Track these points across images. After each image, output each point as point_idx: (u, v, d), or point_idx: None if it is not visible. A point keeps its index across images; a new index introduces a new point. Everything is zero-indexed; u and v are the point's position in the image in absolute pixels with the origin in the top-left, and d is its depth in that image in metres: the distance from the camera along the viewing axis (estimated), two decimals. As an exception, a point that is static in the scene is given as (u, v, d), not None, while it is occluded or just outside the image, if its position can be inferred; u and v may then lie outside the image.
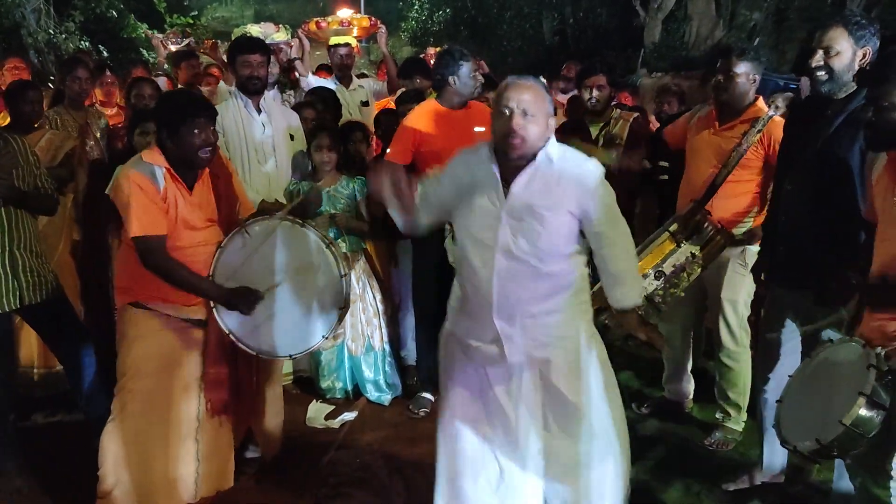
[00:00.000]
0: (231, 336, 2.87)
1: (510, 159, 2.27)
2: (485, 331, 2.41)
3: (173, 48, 6.65)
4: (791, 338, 2.87)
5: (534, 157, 2.28)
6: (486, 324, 2.39)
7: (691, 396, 3.88)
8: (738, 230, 3.36)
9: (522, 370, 2.43)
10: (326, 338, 2.93)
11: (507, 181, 2.30)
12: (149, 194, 2.73)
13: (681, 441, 3.62)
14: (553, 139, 2.34)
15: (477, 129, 3.69)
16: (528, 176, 2.29)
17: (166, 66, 6.73)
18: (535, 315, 2.36)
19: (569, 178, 2.29)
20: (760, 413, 3.08)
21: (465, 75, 3.69)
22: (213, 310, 2.86)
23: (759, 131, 3.25)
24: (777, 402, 2.54)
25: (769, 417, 2.88)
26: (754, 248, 3.34)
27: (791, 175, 2.81)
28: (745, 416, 3.55)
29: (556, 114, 2.46)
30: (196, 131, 2.75)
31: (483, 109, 3.89)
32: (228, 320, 2.87)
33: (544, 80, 2.37)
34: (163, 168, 2.78)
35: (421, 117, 3.74)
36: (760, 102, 3.39)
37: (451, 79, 3.69)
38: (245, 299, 2.82)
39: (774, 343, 2.90)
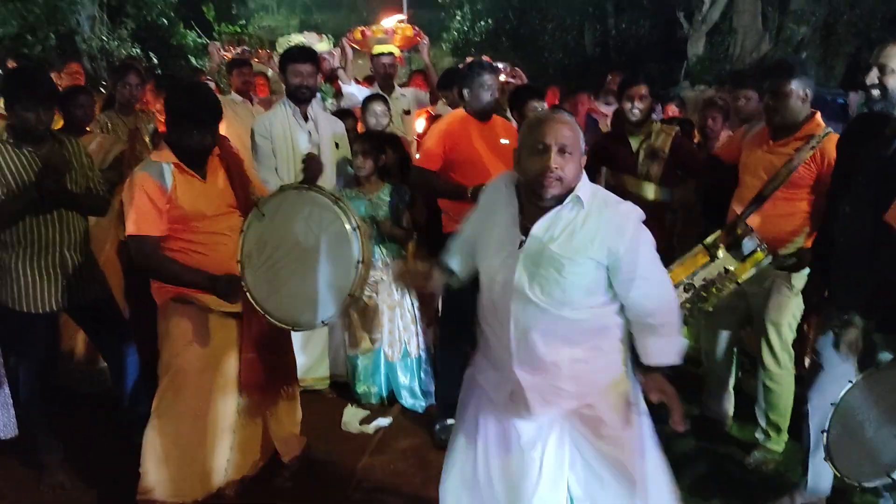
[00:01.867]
0: (267, 316, 2.76)
1: (542, 199, 2.03)
2: (505, 381, 2.19)
3: (228, 56, 6.82)
4: (844, 362, 2.70)
5: (564, 197, 2.04)
6: (506, 373, 2.17)
7: (731, 415, 3.81)
8: (786, 250, 3.26)
9: (551, 428, 2.20)
10: (352, 295, 2.73)
11: (528, 221, 2.08)
12: (152, 195, 2.76)
13: (719, 460, 3.56)
14: (585, 178, 2.09)
15: (503, 140, 3.69)
16: (549, 220, 2.05)
17: (218, 72, 6.92)
18: (558, 363, 2.12)
19: (598, 222, 2.03)
20: (807, 437, 2.96)
21: (478, 87, 3.65)
22: (247, 292, 2.77)
23: (812, 148, 3.16)
24: (823, 431, 2.46)
25: (816, 442, 2.79)
26: (803, 271, 3.22)
27: (849, 196, 2.68)
28: (785, 436, 3.48)
29: (599, 126, 2.41)
30: (195, 132, 2.77)
31: (504, 123, 3.88)
32: (259, 298, 2.75)
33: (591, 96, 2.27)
34: (171, 164, 2.82)
35: (452, 123, 3.75)
36: (818, 118, 3.25)
37: (464, 91, 3.70)
38: (231, 285, 2.73)
39: (827, 368, 2.79)
